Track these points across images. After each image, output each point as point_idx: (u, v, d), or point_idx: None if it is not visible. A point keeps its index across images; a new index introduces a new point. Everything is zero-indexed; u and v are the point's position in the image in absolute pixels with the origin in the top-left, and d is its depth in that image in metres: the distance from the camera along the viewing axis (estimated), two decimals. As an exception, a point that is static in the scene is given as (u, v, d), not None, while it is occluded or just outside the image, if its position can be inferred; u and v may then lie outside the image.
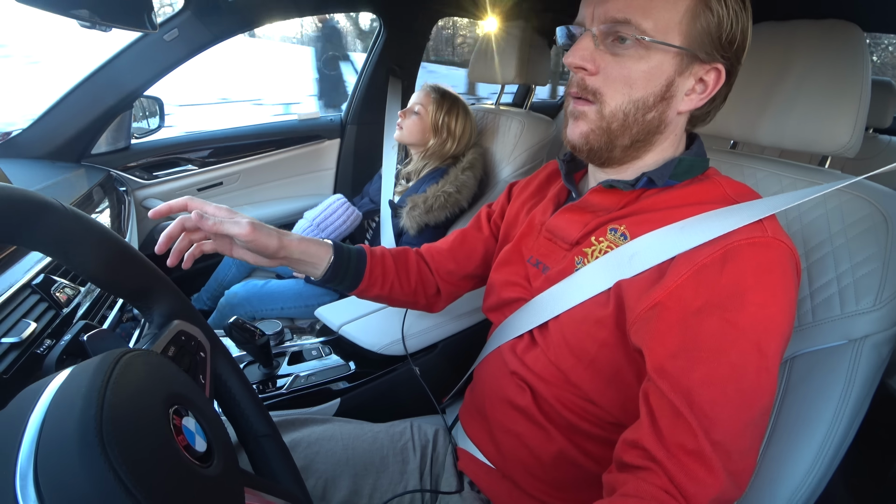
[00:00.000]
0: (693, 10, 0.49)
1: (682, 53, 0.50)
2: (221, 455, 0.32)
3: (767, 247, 0.48)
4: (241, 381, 0.52)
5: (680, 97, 0.53)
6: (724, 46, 0.51)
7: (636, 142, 0.55)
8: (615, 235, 0.57)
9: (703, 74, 0.52)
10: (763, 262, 0.47)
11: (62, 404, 0.27)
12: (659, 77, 0.51)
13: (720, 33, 0.50)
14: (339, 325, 1.01)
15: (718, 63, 0.52)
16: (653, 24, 0.49)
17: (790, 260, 0.49)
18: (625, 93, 0.51)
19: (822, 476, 0.57)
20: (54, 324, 0.61)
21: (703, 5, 0.49)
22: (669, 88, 0.52)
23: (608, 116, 0.53)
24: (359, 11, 1.64)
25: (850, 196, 0.62)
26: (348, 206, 1.46)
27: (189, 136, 1.69)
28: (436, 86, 1.41)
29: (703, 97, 0.53)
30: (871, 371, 0.57)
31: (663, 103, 0.52)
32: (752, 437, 0.45)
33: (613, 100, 0.52)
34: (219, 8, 1.27)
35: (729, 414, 0.44)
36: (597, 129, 0.54)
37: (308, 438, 0.72)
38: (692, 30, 0.49)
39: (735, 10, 0.50)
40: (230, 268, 1.57)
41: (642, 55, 0.50)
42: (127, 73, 1.30)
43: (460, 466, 0.71)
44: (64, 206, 0.38)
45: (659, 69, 0.50)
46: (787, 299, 0.47)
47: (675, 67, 0.51)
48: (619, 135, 0.54)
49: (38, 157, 1.28)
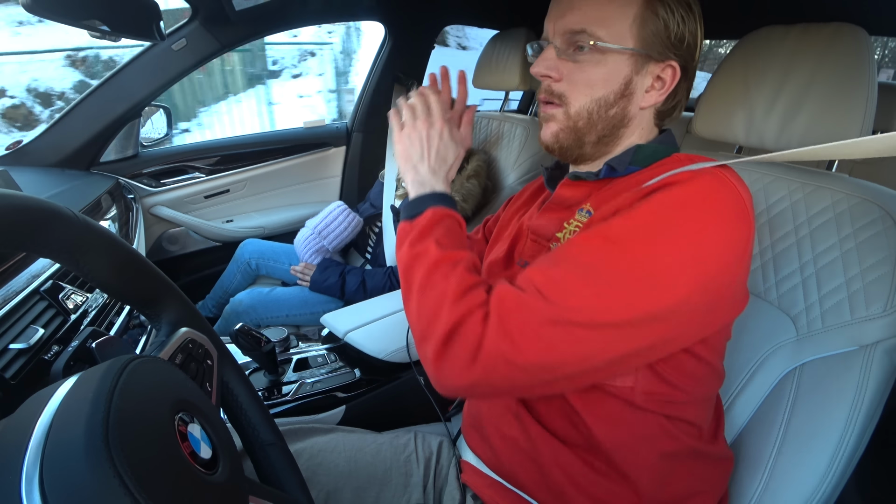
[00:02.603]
0: (641, 16, 0.54)
1: (636, 55, 0.55)
2: (227, 462, 0.32)
3: (695, 179, 0.49)
4: (247, 389, 0.52)
5: (640, 94, 0.58)
6: (674, 45, 0.56)
7: (603, 136, 0.59)
8: (582, 214, 0.59)
9: (659, 72, 0.57)
10: (685, 194, 0.48)
11: (69, 409, 0.27)
12: (617, 77, 0.56)
13: (669, 34, 0.55)
14: (344, 332, 1.01)
15: (672, 61, 0.56)
16: (606, 31, 0.54)
17: (728, 198, 0.49)
18: (587, 94, 0.57)
19: (836, 485, 0.56)
20: (62, 330, 0.62)
21: (650, 12, 0.54)
22: (628, 86, 0.57)
23: (574, 116, 0.58)
24: (364, 20, 1.65)
25: (858, 200, 0.62)
26: (349, 212, 1.47)
27: (196, 144, 1.71)
28: None
29: (662, 93, 0.58)
30: (883, 377, 0.56)
31: (624, 100, 0.57)
32: (566, 333, 0.45)
33: (577, 101, 0.57)
34: (226, 18, 1.29)
35: (576, 289, 0.45)
36: (565, 128, 0.59)
37: (311, 450, 0.71)
38: (643, 33, 0.54)
39: (682, 15, 0.55)
40: (235, 275, 1.58)
41: (599, 60, 0.55)
42: (135, 82, 1.33)
43: (463, 479, 0.70)
44: (74, 214, 0.38)
45: (616, 70, 0.56)
46: (704, 232, 0.47)
47: (631, 67, 0.56)
48: (587, 132, 0.59)
49: (49, 165, 1.30)
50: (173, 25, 1.30)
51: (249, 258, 1.57)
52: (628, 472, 0.56)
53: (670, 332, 0.48)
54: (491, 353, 0.45)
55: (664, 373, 0.53)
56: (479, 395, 0.54)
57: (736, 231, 0.48)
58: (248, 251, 1.58)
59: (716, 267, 0.47)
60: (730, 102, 0.72)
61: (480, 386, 0.46)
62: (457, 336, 0.46)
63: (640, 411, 0.55)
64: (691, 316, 0.48)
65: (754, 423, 0.65)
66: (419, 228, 0.56)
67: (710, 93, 0.75)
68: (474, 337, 0.45)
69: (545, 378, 0.46)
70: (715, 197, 0.48)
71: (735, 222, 0.48)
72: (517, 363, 0.44)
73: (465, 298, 0.48)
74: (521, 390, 0.53)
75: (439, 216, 0.57)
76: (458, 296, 0.48)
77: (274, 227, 1.80)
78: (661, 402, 0.55)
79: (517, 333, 0.44)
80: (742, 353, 0.68)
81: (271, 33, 1.46)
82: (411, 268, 0.54)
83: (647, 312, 0.45)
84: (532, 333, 0.44)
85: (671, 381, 0.54)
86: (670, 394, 0.54)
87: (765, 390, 0.65)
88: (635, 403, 0.54)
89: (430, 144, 0.61)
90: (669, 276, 0.45)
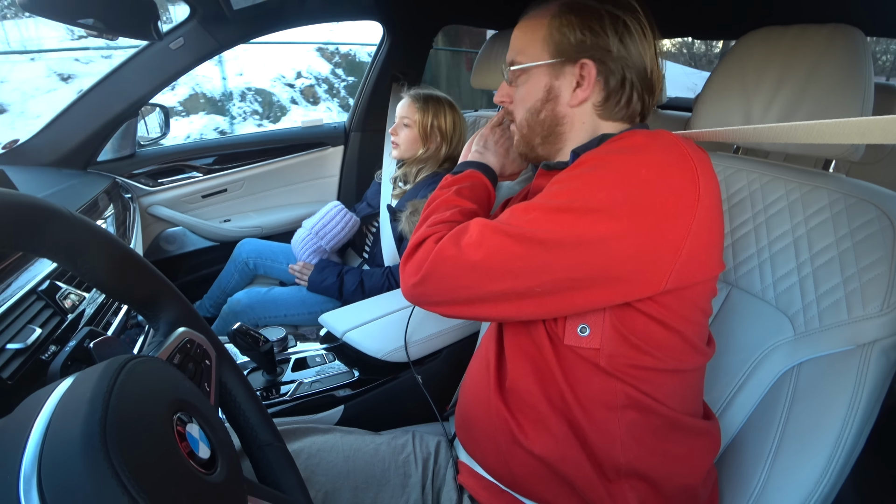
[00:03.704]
0: (545, 37, 0.64)
1: (550, 64, 0.65)
2: (225, 462, 0.32)
3: (636, 135, 0.56)
4: (246, 389, 0.52)
5: (567, 94, 0.65)
6: (577, 46, 0.63)
7: (546, 136, 0.68)
8: None
9: (579, 71, 0.64)
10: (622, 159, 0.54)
11: (67, 409, 0.27)
12: (538, 87, 0.66)
13: (571, 40, 0.63)
14: (342, 332, 1.01)
15: (584, 59, 0.63)
16: (525, 56, 0.66)
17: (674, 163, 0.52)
18: (522, 107, 0.69)
19: (834, 484, 0.56)
20: (59, 330, 0.61)
21: (553, 29, 0.63)
22: (551, 91, 0.66)
23: (519, 127, 0.70)
24: (362, 20, 1.65)
25: (855, 200, 0.62)
26: (346, 212, 1.46)
27: (194, 144, 1.71)
28: (414, 94, 1.38)
29: (586, 88, 0.64)
30: (881, 376, 0.56)
31: (550, 103, 0.66)
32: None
33: (518, 114, 0.70)
34: (224, 17, 1.29)
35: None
36: (519, 139, 0.71)
37: (309, 449, 0.71)
38: (551, 48, 0.64)
39: (577, 25, 0.62)
40: (233, 275, 1.57)
41: (525, 79, 0.67)
42: (133, 81, 1.32)
43: (460, 480, 0.70)
44: (72, 213, 0.38)
45: (537, 81, 0.66)
46: (637, 174, 0.51)
47: (548, 75, 0.65)
48: (531, 137, 0.70)
49: (45, 164, 1.29)
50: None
51: (247, 258, 1.56)
52: (599, 443, 0.56)
53: (602, 264, 0.51)
54: (438, 254, 0.57)
55: (628, 335, 0.54)
56: (429, 292, 0.59)
57: (673, 176, 0.51)
58: (246, 251, 1.57)
59: (652, 207, 0.50)
60: (727, 103, 0.72)
61: (429, 281, 0.58)
62: (420, 247, 0.62)
63: (610, 378, 0.55)
64: (623, 252, 0.50)
65: (752, 422, 0.65)
66: (453, 179, 0.75)
67: (708, 93, 0.75)
68: (429, 247, 0.59)
69: (488, 289, 0.55)
70: (648, 143, 0.54)
71: (672, 166, 0.52)
72: (458, 261, 0.56)
73: (439, 225, 0.64)
74: (466, 292, 0.57)
75: (473, 176, 0.75)
76: (437, 223, 0.65)
77: (272, 226, 1.80)
78: (629, 366, 0.55)
79: (464, 241, 0.56)
80: (740, 352, 0.68)
81: (269, 32, 1.46)
82: (432, 201, 0.71)
83: (574, 235, 0.51)
84: (475, 240, 0.55)
85: (636, 344, 0.54)
86: (637, 358, 0.55)
87: (762, 389, 0.65)
88: (602, 366, 0.55)
89: (506, 142, 0.80)
90: (600, 208, 0.51)
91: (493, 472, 0.65)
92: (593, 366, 0.56)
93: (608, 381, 0.56)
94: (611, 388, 0.56)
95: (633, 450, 0.56)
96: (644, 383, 0.56)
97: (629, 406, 0.56)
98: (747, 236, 0.72)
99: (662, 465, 0.57)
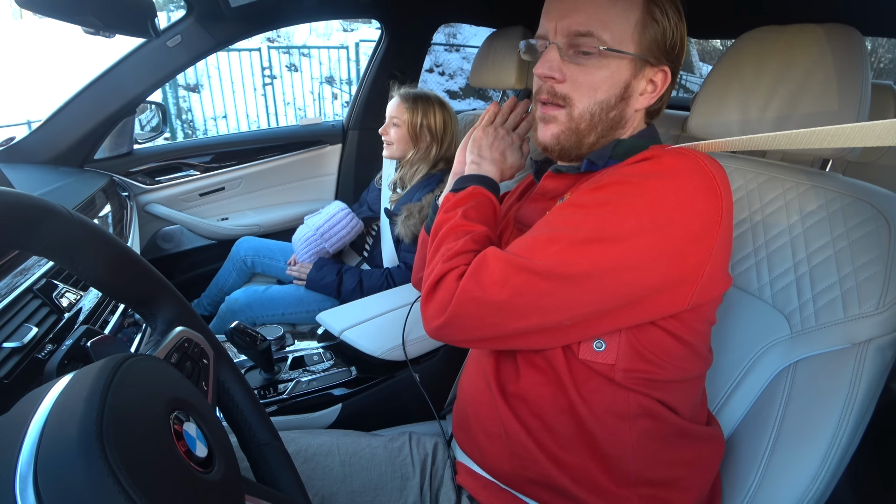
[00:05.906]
0: (642, 21, 0.56)
1: (636, 59, 0.57)
2: (222, 461, 0.32)
3: (660, 156, 0.53)
4: (244, 388, 0.51)
5: (636, 97, 0.60)
6: (668, 52, 0.59)
7: (601, 138, 0.62)
8: (561, 203, 0.60)
9: (652, 76, 0.60)
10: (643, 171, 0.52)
11: (64, 407, 0.26)
12: (618, 81, 0.58)
13: (665, 41, 0.58)
14: (340, 331, 1.01)
15: (665, 66, 0.59)
16: (610, 35, 0.56)
17: (700, 181, 0.51)
18: (591, 96, 0.59)
19: (829, 482, 0.56)
20: (56, 328, 0.61)
21: (649, 17, 0.56)
22: (627, 90, 0.59)
23: (577, 118, 0.60)
24: (361, 18, 1.65)
25: (852, 199, 0.62)
26: (352, 216, 1.46)
27: (191, 142, 1.70)
28: (403, 93, 1.35)
29: (653, 96, 0.61)
30: (876, 374, 0.57)
31: (623, 103, 0.60)
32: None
33: (581, 102, 0.59)
34: (221, 14, 1.28)
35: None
36: (566, 130, 0.61)
37: (305, 453, 0.71)
38: (643, 39, 0.57)
39: (675, 21, 0.58)
40: (230, 273, 1.57)
41: (603, 63, 0.57)
42: (130, 78, 1.31)
43: (458, 480, 0.70)
44: (69, 212, 0.38)
45: (618, 74, 0.58)
46: (664, 199, 0.50)
47: (630, 72, 0.58)
48: (587, 133, 0.61)
49: (42, 162, 1.28)
50: (168, 22, 1.29)
51: (245, 256, 1.56)
52: (609, 452, 0.56)
53: (630, 291, 0.50)
54: (462, 295, 0.53)
55: (643, 350, 0.54)
56: (455, 332, 0.57)
57: (700, 201, 0.50)
58: (244, 249, 1.57)
59: (678, 233, 0.50)
60: (725, 102, 0.72)
61: (454, 323, 0.55)
62: (440, 286, 0.57)
63: (622, 390, 0.55)
64: (652, 280, 0.50)
65: (749, 420, 0.66)
66: (456, 199, 0.67)
67: (706, 92, 0.75)
68: (451, 287, 0.55)
69: (515, 326, 0.52)
70: (677, 168, 0.52)
71: (699, 192, 0.51)
72: (484, 301, 0.52)
73: (455, 259, 0.58)
74: (493, 330, 0.54)
75: (476, 193, 0.67)
76: (452, 256, 0.58)
77: (269, 224, 1.80)
78: (642, 380, 0.55)
79: (486, 279, 0.52)
80: (736, 350, 0.69)
81: (267, 30, 1.45)
82: (439, 228, 0.64)
83: (603, 267, 0.49)
84: (499, 278, 0.51)
85: (650, 358, 0.54)
86: (651, 371, 0.55)
87: (759, 388, 0.65)
88: (616, 380, 0.55)
89: (500, 143, 0.72)
90: (628, 236, 0.49)
91: (493, 471, 0.65)
92: (607, 379, 0.55)
93: (621, 392, 0.56)
94: (623, 399, 0.56)
95: (643, 458, 0.56)
96: (656, 391, 0.56)
97: (641, 414, 0.56)
98: (744, 235, 0.72)
99: (672, 472, 0.58)
